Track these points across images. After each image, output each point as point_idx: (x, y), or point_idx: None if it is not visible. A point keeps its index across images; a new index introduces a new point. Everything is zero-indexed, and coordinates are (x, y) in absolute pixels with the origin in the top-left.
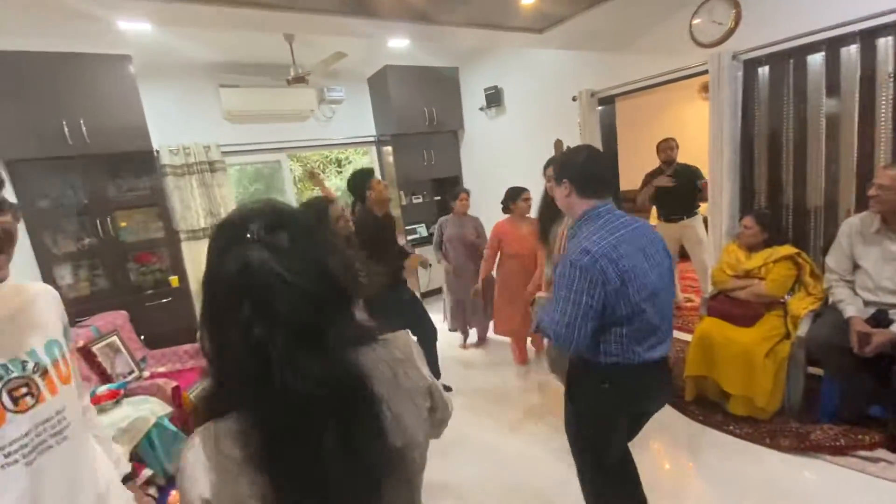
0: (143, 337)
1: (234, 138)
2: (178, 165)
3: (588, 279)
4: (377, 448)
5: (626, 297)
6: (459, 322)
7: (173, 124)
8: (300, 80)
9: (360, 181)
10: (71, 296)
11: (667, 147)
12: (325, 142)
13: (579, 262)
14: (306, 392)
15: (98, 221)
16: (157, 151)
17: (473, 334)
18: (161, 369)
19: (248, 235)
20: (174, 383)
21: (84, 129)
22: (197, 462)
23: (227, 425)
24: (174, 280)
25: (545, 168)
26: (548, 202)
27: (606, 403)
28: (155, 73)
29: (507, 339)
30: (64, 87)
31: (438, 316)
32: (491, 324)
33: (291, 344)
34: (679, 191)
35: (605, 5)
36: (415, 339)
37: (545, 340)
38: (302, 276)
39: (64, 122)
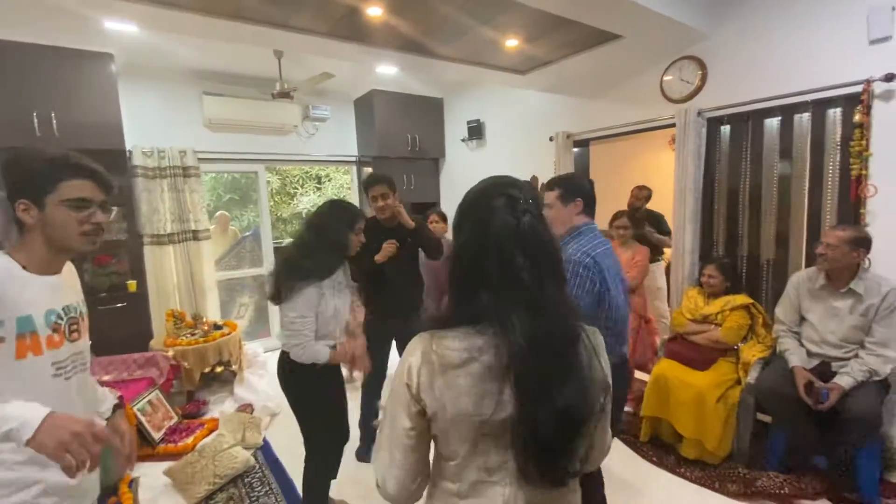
0: (90, 342)
1: (212, 145)
2: (151, 168)
3: (588, 277)
4: (585, 386)
5: (602, 299)
6: None
7: (151, 126)
8: (285, 95)
9: (363, 186)
10: None
11: (631, 196)
12: (305, 157)
13: (583, 261)
14: (545, 325)
15: None
16: (130, 152)
17: None
18: (106, 377)
19: (521, 203)
20: (117, 394)
21: (55, 122)
22: (413, 356)
23: (452, 334)
24: (132, 285)
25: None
26: None
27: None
28: (137, 73)
29: None
30: (38, 78)
31: None
32: None
33: (545, 288)
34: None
35: (584, 54)
36: None
37: None
38: (550, 242)
39: (34, 114)
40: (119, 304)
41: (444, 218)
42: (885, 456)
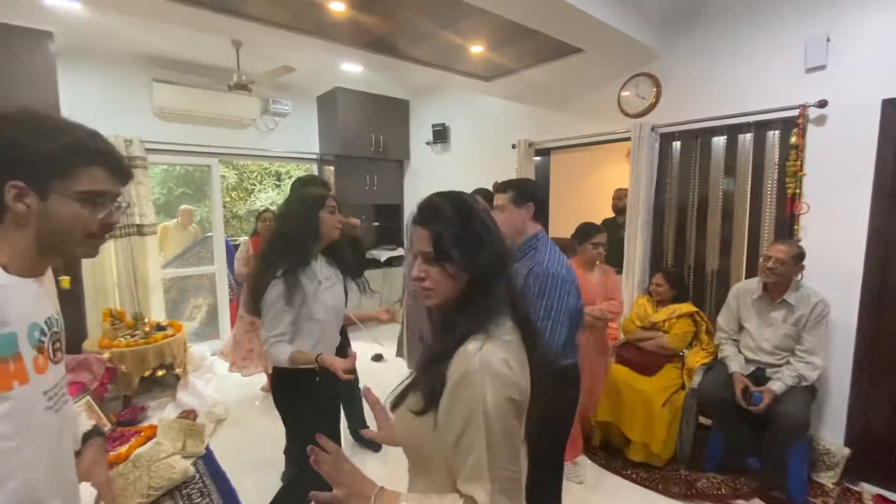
0: None
1: (162, 136)
2: None
3: (566, 287)
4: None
5: (581, 312)
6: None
7: (94, 112)
8: (242, 87)
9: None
10: None
11: (619, 201)
12: (263, 153)
13: (568, 277)
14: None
15: None
16: None
17: None
18: None
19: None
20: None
21: None
22: (498, 358)
23: (504, 330)
24: (64, 281)
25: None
26: None
27: (571, 407)
28: (80, 54)
29: None
30: None
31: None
32: None
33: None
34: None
35: (547, 65)
36: None
37: None
38: None
39: None
40: None
41: None
42: (813, 457)
